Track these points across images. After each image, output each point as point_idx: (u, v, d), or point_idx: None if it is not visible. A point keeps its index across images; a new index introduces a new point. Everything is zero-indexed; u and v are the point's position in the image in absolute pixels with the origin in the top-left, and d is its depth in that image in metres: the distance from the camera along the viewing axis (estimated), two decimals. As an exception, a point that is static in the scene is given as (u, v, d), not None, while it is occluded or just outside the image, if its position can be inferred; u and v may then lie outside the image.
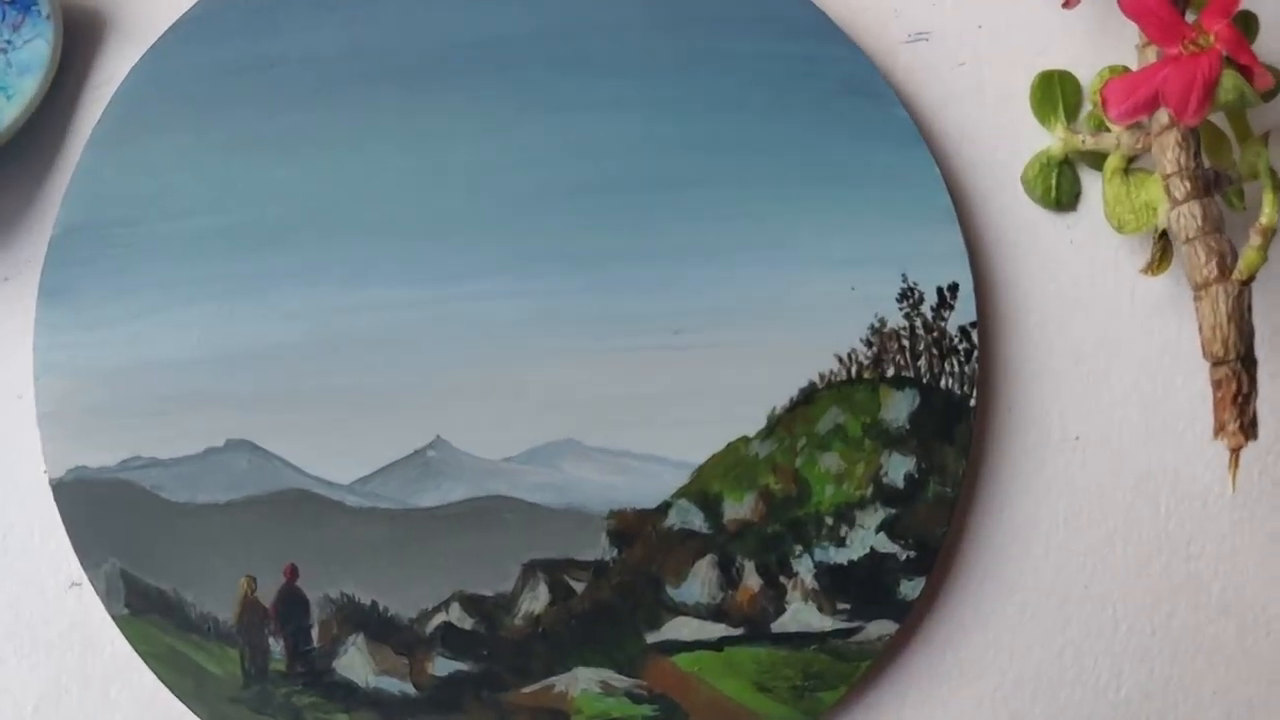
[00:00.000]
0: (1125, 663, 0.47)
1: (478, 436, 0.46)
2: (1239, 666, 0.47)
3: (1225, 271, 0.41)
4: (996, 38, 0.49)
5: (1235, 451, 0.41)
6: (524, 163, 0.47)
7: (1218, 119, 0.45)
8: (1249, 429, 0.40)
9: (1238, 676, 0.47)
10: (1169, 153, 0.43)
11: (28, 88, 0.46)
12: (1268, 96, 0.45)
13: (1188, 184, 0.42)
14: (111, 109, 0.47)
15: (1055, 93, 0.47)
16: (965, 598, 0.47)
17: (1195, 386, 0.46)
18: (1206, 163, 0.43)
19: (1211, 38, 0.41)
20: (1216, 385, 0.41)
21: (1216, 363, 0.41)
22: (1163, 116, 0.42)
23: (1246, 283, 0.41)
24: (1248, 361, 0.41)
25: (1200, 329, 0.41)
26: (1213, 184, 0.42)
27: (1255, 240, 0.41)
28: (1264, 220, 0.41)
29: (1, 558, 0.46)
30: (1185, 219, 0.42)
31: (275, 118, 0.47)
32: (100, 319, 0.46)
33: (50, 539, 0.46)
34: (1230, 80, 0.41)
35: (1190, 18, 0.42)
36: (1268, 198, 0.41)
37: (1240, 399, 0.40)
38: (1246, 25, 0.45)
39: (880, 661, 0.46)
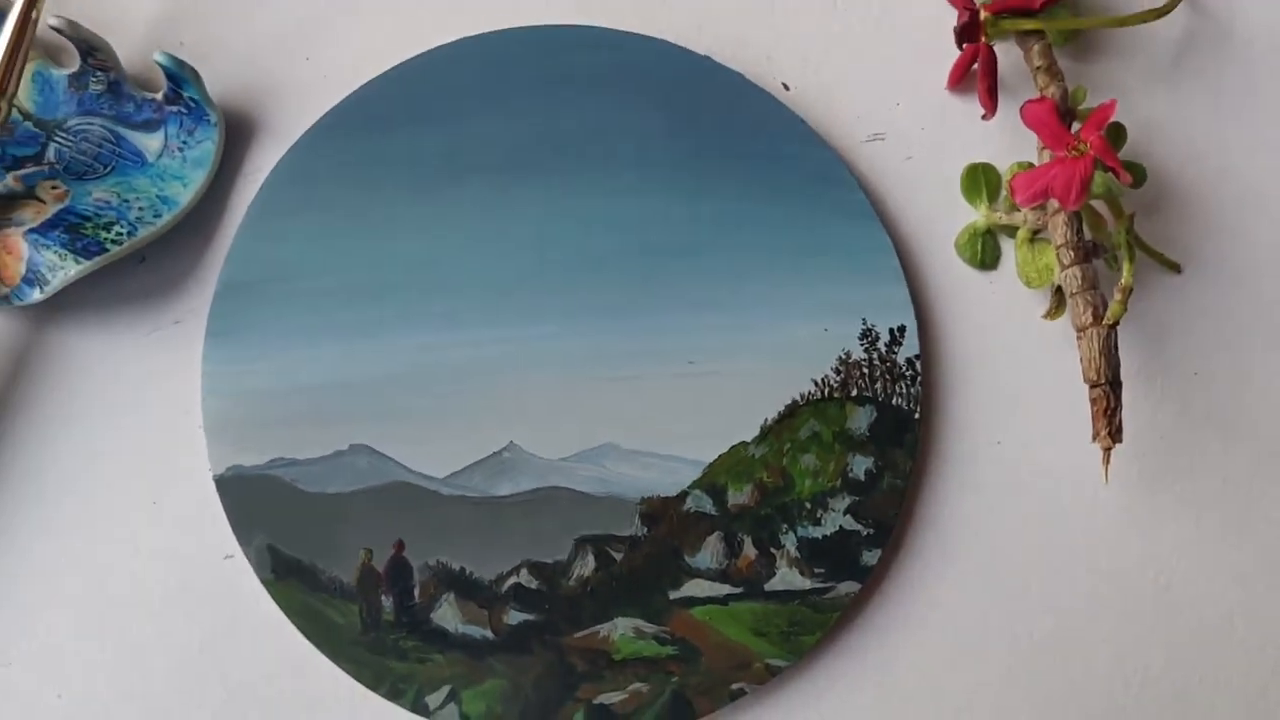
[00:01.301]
0: (1037, 617, 0.52)
1: (540, 442, 0.51)
2: (1127, 618, 0.52)
3: (1098, 318, 0.49)
4: (936, 138, 0.54)
5: (1106, 451, 0.48)
6: (575, 236, 0.52)
7: (1098, 203, 0.52)
8: (1115, 434, 0.48)
9: (1126, 626, 0.53)
10: (1059, 229, 0.50)
11: (199, 178, 0.52)
12: (1135, 185, 0.52)
13: (1072, 253, 0.50)
14: (261, 193, 0.53)
15: (979, 181, 0.53)
16: (914, 566, 0.53)
17: (1086, 405, 0.49)
18: (1088, 235, 0.50)
19: (1087, 146, 0.47)
20: (1093, 402, 0.49)
21: (1092, 385, 0.49)
22: (1055, 202, 0.50)
23: (1113, 326, 0.48)
24: (1115, 384, 0.48)
25: (1080, 359, 0.49)
26: (1091, 252, 0.50)
27: (1118, 296, 0.48)
28: (1122, 281, 0.48)
29: (173, 538, 0.52)
30: (1071, 279, 0.50)
31: (384, 201, 0.52)
32: (251, 354, 0.52)
33: (212, 524, 0.52)
34: (1100, 178, 0.49)
35: (1075, 127, 0.49)
36: (1125, 267, 0.48)
37: (1109, 412, 0.48)
38: (1117, 134, 0.52)
39: (848, 613, 0.52)
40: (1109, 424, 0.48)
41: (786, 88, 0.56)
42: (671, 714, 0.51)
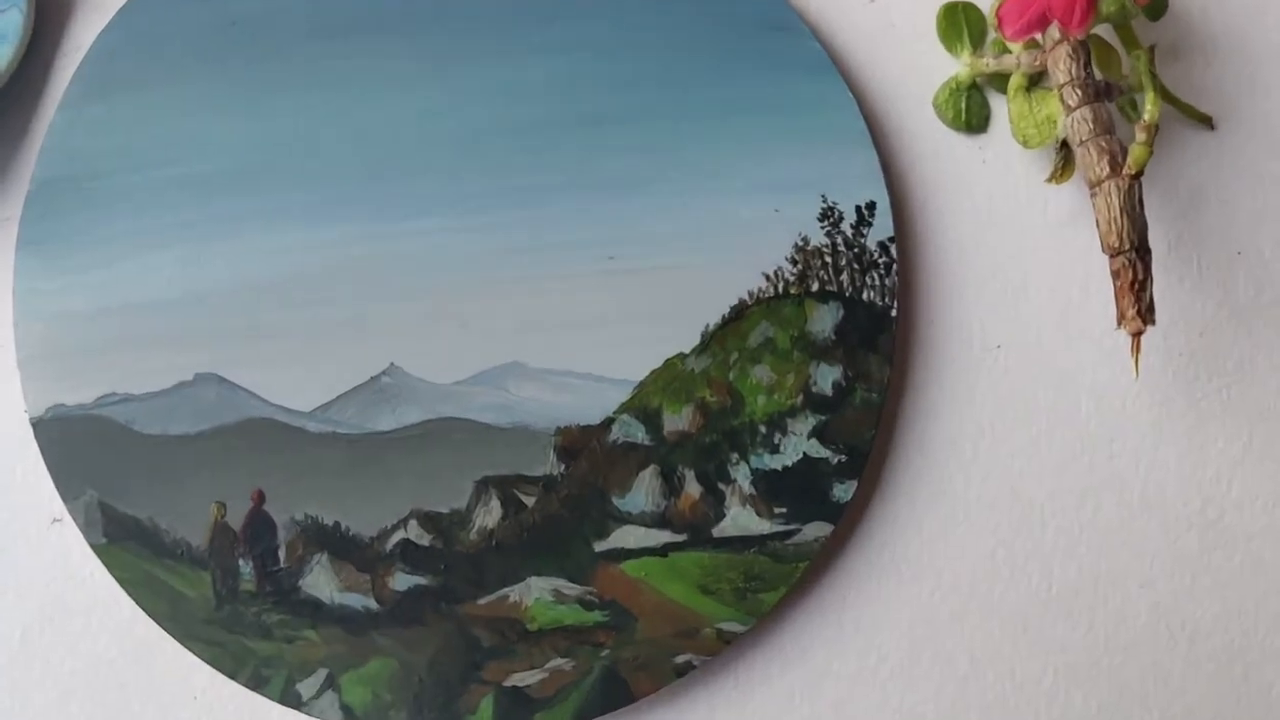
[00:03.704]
0: (1054, 560, 0.48)
1: (428, 362, 0.47)
2: (1163, 560, 0.48)
3: (1116, 168, 0.43)
4: None
5: (1136, 336, 0.43)
6: (462, 106, 0.48)
7: (1108, 35, 0.46)
8: (1146, 314, 0.42)
9: (1162, 570, 0.48)
10: (1061, 64, 0.44)
11: (5, 55, 0.47)
12: (1152, 13, 0.47)
13: (1079, 91, 0.44)
14: (81, 71, 0.48)
15: (960, 22, 0.48)
16: (898, 500, 0.48)
17: (1108, 293, 0.45)
18: (1097, 74, 0.45)
19: None
20: (1115, 275, 0.43)
21: (1113, 254, 0.43)
22: (1054, 32, 0.44)
23: (1136, 177, 0.43)
24: (1142, 251, 0.43)
25: (1097, 224, 0.43)
26: (1103, 92, 0.44)
27: (1140, 136, 0.43)
28: (1146, 117, 0.43)
29: None
30: (1078, 123, 0.44)
31: (232, 74, 0.48)
32: (74, 266, 0.47)
33: (31, 478, 0.47)
34: None
35: None
36: (1149, 97, 0.43)
37: (1136, 286, 0.42)
38: None
39: (818, 562, 0.47)
40: (1138, 302, 0.42)
41: None
42: (603, 696, 0.47)
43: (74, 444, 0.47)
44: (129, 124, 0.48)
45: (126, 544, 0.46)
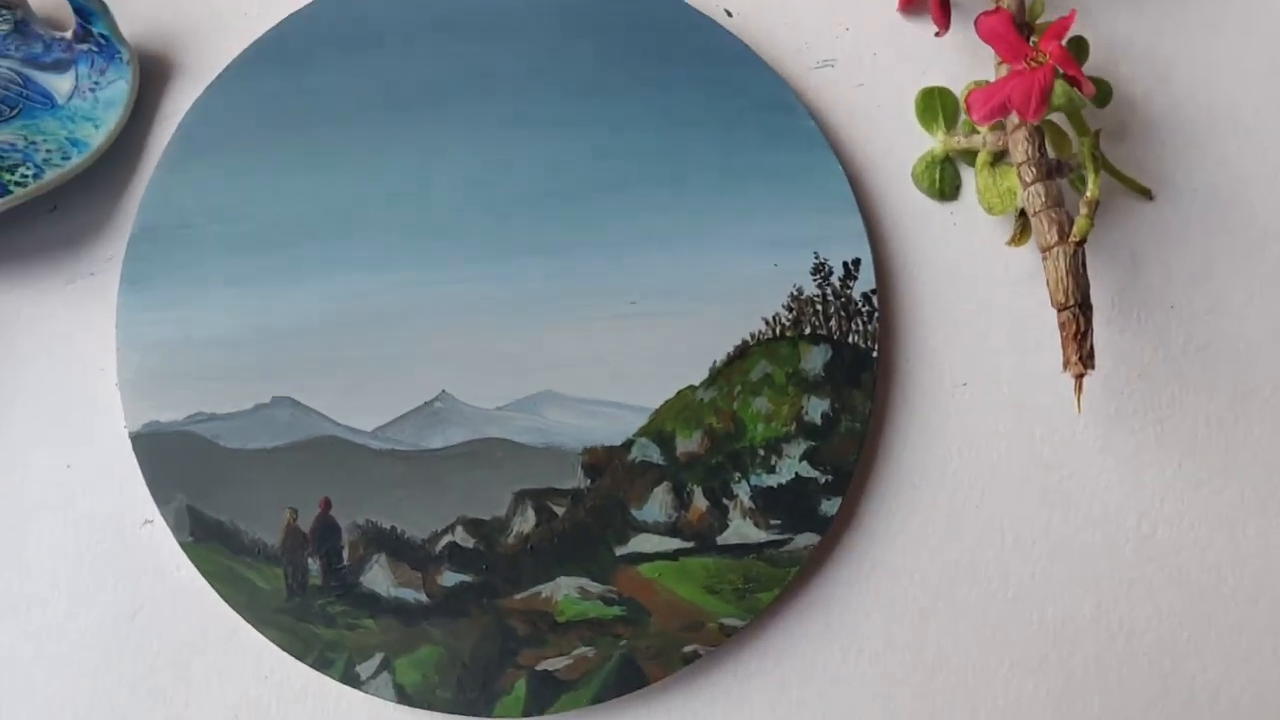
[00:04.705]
0: (1011, 567, 0.50)
1: (474, 390, 0.49)
2: (1105, 567, 0.50)
3: (1064, 236, 0.47)
4: (888, 63, 0.53)
5: (1079, 379, 0.46)
6: (504, 173, 0.51)
7: (1061, 121, 0.50)
8: (1087, 360, 0.46)
9: (1104, 576, 0.50)
10: (1020, 145, 0.48)
11: (112, 119, 0.51)
12: (1100, 102, 0.51)
13: (1034, 169, 0.48)
14: (177, 135, 0.51)
15: (935, 105, 0.52)
16: (877, 515, 0.50)
17: (1058, 340, 0.47)
18: (1051, 153, 0.49)
19: (1046, 56, 0.46)
20: (1061, 326, 0.46)
21: (1060, 309, 0.46)
22: (1014, 118, 0.48)
23: (1080, 244, 0.46)
24: (1084, 306, 0.46)
25: (1047, 282, 0.47)
26: (1055, 170, 0.48)
27: (1083, 210, 0.47)
28: (1088, 194, 0.47)
29: (86, 502, 0.50)
30: (1033, 197, 0.48)
31: (305, 141, 0.51)
32: (168, 301, 0.50)
33: (127, 485, 0.50)
34: (1061, 88, 0.47)
35: (1033, 41, 0.48)
36: (1091, 178, 0.47)
37: (1079, 336, 0.46)
38: (1079, 48, 0.50)
39: (807, 567, 0.50)
40: (1079, 349, 0.46)
41: (729, 14, 0.54)
42: (620, 680, 0.49)
43: (166, 456, 0.49)
44: (217, 181, 0.51)
45: (210, 543, 0.49)
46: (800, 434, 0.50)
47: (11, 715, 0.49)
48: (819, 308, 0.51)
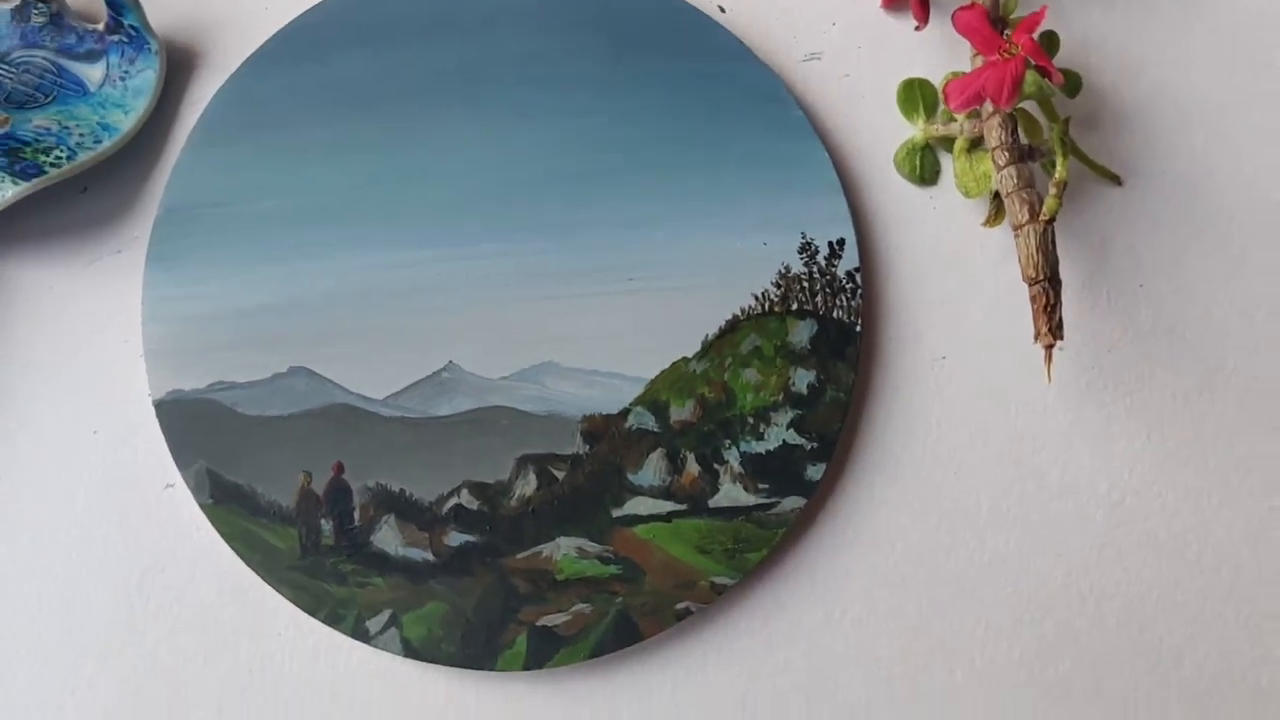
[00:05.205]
0: (987, 534, 0.51)
1: (480, 361, 0.51)
2: (1076, 534, 0.51)
3: (1034, 215, 0.49)
4: (872, 56, 0.55)
5: (1048, 349, 0.48)
6: (512, 158, 0.53)
7: (1033, 109, 0.52)
8: (1056, 331, 0.47)
9: (1074, 543, 0.52)
10: (994, 132, 0.50)
11: (140, 105, 0.53)
12: (1069, 91, 0.53)
13: (1007, 154, 0.50)
14: (202, 121, 0.53)
15: (916, 95, 0.54)
16: (860, 481, 0.52)
17: (1029, 316, 0.48)
18: (1023, 139, 0.51)
19: (1018, 48, 0.48)
20: (1032, 300, 0.48)
21: (1031, 283, 0.48)
22: (989, 106, 0.50)
23: (1049, 222, 0.48)
24: (1054, 281, 0.48)
25: (1020, 259, 0.49)
26: (1026, 154, 0.50)
27: (1053, 191, 0.48)
28: (1056, 175, 0.48)
29: (111, 466, 0.52)
30: (1006, 179, 0.50)
31: (325, 127, 0.53)
32: (192, 278, 0.52)
33: (149, 450, 0.52)
34: (1032, 78, 0.49)
35: (1006, 34, 0.50)
36: (1059, 161, 0.49)
37: (1048, 309, 0.48)
38: (1050, 41, 0.53)
39: (794, 529, 0.51)
40: (1049, 321, 0.48)
41: (722, 9, 0.56)
42: (616, 635, 0.50)
43: (188, 422, 0.51)
44: (241, 164, 0.53)
45: (229, 505, 0.50)
46: (787, 403, 0.52)
47: (35, 673, 0.51)
48: (806, 285, 0.52)
